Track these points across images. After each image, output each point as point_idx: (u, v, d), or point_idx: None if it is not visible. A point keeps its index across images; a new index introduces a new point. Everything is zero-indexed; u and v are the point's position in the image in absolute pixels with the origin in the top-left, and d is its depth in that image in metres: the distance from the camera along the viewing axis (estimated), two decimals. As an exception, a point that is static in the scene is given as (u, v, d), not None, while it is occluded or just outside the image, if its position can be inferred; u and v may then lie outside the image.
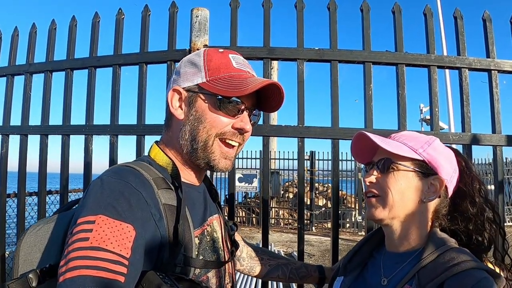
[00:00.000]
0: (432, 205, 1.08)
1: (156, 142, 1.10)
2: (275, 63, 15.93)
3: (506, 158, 14.03)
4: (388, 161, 1.08)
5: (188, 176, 1.08)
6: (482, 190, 1.11)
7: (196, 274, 0.95)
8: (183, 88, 1.02)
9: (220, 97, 0.98)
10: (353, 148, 1.22)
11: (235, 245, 1.24)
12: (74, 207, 1.02)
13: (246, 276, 5.50)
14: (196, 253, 0.96)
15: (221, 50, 1.06)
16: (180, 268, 0.89)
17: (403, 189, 1.05)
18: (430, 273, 0.94)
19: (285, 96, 1.06)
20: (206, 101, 0.99)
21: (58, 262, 0.80)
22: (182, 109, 1.02)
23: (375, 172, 1.11)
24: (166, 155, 1.03)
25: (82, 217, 0.79)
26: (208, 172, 1.37)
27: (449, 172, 1.09)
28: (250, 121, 1.05)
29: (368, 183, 1.13)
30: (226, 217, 1.32)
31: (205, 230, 1.05)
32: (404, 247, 1.08)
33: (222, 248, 1.11)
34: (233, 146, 1.05)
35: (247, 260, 1.48)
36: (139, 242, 0.81)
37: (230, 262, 1.16)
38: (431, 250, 1.00)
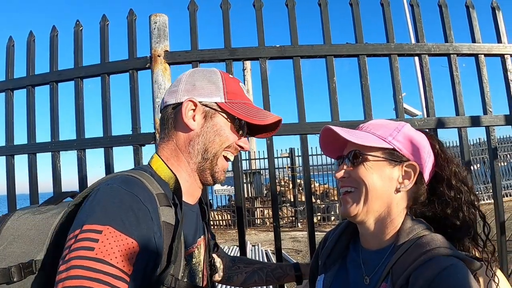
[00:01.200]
0: (408, 193, 1.05)
1: (157, 153, 1.11)
2: (247, 64, 15.99)
3: (479, 139, 14.47)
4: (356, 153, 1.05)
5: (186, 194, 1.08)
6: (459, 173, 1.07)
7: None
8: (199, 101, 1.07)
9: (238, 118, 1.08)
10: (322, 144, 1.18)
11: (213, 269, 1.29)
12: (65, 200, 1.02)
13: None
14: (182, 274, 0.97)
15: (230, 75, 1.15)
16: None
17: (376, 180, 1.01)
18: (402, 264, 0.91)
19: (279, 128, 1.24)
20: (226, 119, 1.09)
21: (46, 258, 0.84)
22: (195, 120, 1.07)
23: (345, 166, 1.08)
24: (169, 168, 1.05)
25: (89, 225, 0.79)
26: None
27: (422, 157, 1.05)
28: None
29: (340, 179, 1.09)
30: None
31: (193, 253, 1.07)
32: (380, 243, 1.04)
33: (202, 271, 1.13)
34: (230, 161, 1.15)
35: (225, 271, 1.49)
36: (141, 259, 0.81)
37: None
38: (402, 241, 0.96)
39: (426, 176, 1.05)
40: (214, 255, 1.41)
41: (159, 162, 1.07)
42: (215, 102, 1.07)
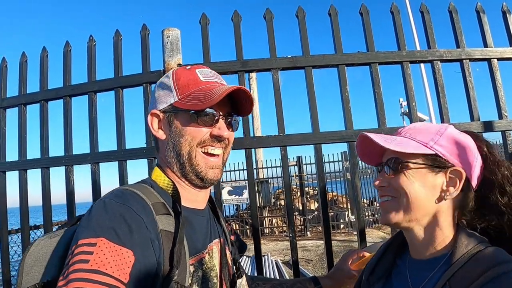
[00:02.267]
0: (455, 201, 0.97)
1: (157, 164, 1.13)
2: (253, 74, 16.06)
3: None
4: (396, 161, 0.99)
5: (190, 199, 1.08)
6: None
7: None
8: (159, 110, 1.07)
9: (193, 111, 1.03)
10: (359, 151, 1.12)
11: (239, 273, 1.21)
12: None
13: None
14: (190, 281, 0.95)
15: (188, 67, 1.12)
16: None
17: (418, 189, 0.95)
18: (462, 279, 0.84)
19: (252, 98, 1.11)
20: (182, 118, 1.05)
21: (55, 277, 0.84)
22: (162, 130, 1.08)
23: (385, 174, 1.02)
24: (167, 176, 1.06)
25: (84, 239, 0.81)
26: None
27: (468, 161, 0.97)
28: (229, 128, 1.10)
29: (378, 188, 1.04)
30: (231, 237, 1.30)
31: (203, 258, 1.04)
32: (431, 253, 0.98)
33: (217, 276, 1.09)
34: (217, 155, 1.08)
35: None
36: (137, 268, 0.82)
37: None
38: (460, 253, 0.89)
39: (474, 182, 0.97)
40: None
41: (157, 172, 1.09)
42: (170, 104, 1.06)
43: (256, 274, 1.89)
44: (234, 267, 1.21)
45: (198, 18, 2.09)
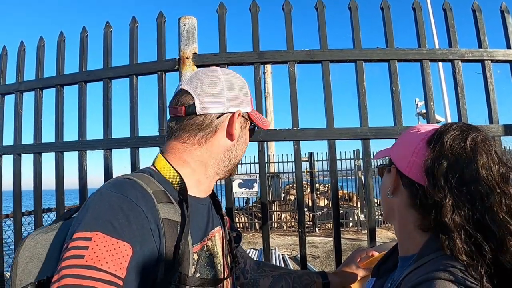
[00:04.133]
0: (403, 199, 0.93)
1: (162, 152, 1.07)
2: (268, 67, 15.99)
3: (504, 147, 14.05)
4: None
5: (196, 188, 1.06)
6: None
7: None
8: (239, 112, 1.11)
9: (254, 125, 1.17)
10: None
11: (235, 260, 1.21)
12: (75, 215, 0.98)
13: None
14: (194, 270, 0.94)
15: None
16: (174, 286, 0.87)
17: (382, 187, 1.07)
18: (407, 282, 0.80)
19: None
20: (247, 128, 1.15)
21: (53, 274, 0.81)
22: (236, 130, 1.10)
23: None
24: (174, 168, 1.01)
25: (79, 232, 0.78)
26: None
27: (402, 155, 0.92)
28: None
29: None
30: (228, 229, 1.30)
31: (205, 245, 1.03)
32: (404, 251, 0.98)
33: (221, 263, 1.09)
34: None
35: (251, 273, 1.44)
36: (136, 260, 0.80)
37: (229, 278, 1.13)
38: (422, 256, 0.85)
39: (417, 177, 0.86)
40: (240, 249, 1.40)
41: (162, 162, 1.03)
42: (247, 112, 1.12)
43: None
44: (232, 255, 1.21)
45: (215, 7, 2.07)
